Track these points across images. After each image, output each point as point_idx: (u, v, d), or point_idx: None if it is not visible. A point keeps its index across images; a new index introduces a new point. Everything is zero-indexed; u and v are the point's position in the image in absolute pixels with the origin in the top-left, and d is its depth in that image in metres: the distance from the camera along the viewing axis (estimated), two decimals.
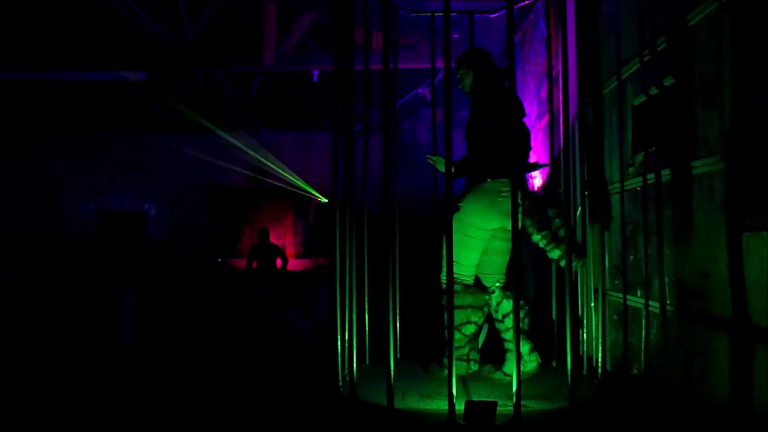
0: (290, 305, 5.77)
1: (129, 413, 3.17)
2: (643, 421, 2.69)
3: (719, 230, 2.51)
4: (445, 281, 3.33)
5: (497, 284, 3.44)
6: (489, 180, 3.26)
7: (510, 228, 3.10)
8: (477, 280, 3.48)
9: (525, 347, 3.32)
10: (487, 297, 3.43)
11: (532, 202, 3.33)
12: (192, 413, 3.13)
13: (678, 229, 2.86)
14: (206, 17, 8.42)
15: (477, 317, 3.37)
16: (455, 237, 3.30)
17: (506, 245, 3.36)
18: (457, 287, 3.33)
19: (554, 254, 3.24)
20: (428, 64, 4.11)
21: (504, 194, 3.20)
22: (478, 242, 3.34)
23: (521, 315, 3.38)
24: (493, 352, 3.53)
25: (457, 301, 3.27)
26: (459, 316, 3.30)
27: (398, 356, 3.69)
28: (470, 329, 3.37)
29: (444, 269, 3.34)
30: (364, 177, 3.56)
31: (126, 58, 8.37)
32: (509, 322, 3.37)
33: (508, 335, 3.38)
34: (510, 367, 3.32)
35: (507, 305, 3.38)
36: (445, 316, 3.32)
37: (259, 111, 10.84)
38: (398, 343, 3.76)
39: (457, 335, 3.31)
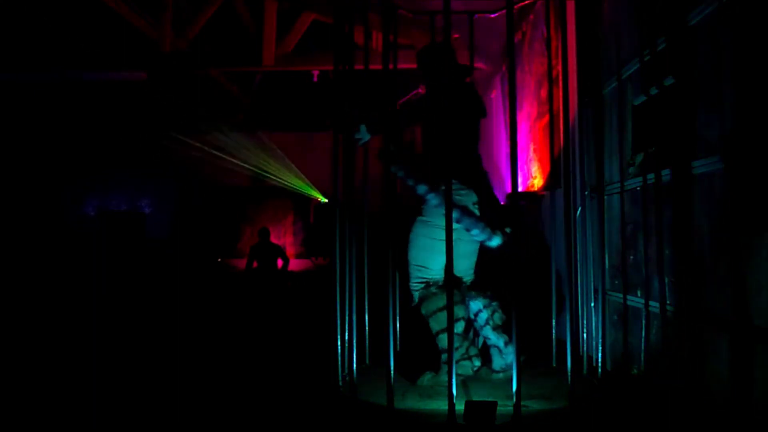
0: None
1: (128, 413, 3.17)
2: (643, 421, 2.69)
3: (719, 230, 2.51)
4: (415, 290, 3.37)
5: (468, 283, 3.42)
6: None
7: None
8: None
9: (500, 341, 3.31)
10: (464, 288, 3.41)
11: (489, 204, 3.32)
12: (192, 413, 3.13)
13: (678, 229, 2.86)
14: (206, 17, 8.43)
15: (462, 312, 3.35)
16: (422, 241, 3.32)
17: (471, 247, 3.34)
18: (433, 289, 3.31)
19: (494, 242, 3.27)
20: None
21: (463, 194, 3.19)
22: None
23: (490, 311, 3.39)
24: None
25: (439, 303, 3.25)
26: (445, 318, 3.25)
27: (398, 350, 3.67)
28: (460, 326, 3.35)
29: (412, 277, 3.38)
30: (364, 177, 3.56)
31: (126, 58, 8.38)
32: (481, 319, 3.38)
33: (485, 332, 3.38)
34: (497, 362, 3.33)
35: (474, 305, 3.38)
36: (431, 322, 3.32)
37: (259, 111, 10.85)
38: (398, 342, 3.76)
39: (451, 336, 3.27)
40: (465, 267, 3.41)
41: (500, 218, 3.27)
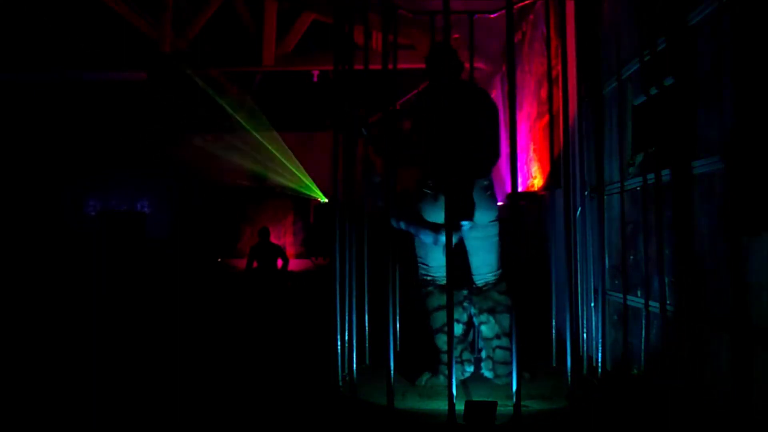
0: None
1: (128, 413, 3.17)
2: (643, 421, 2.69)
3: (719, 230, 2.51)
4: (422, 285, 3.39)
5: (481, 284, 3.41)
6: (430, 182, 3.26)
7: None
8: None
9: (488, 359, 3.34)
10: (465, 293, 3.40)
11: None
12: (192, 413, 3.13)
13: (678, 229, 2.85)
14: (206, 17, 8.43)
15: (458, 314, 3.35)
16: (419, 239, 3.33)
17: (483, 244, 3.32)
18: (430, 288, 3.35)
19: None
20: None
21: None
22: None
23: (477, 322, 3.39)
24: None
25: (435, 303, 3.28)
26: (441, 318, 3.22)
27: (398, 350, 3.69)
28: (457, 329, 3.34)
29: (419, 273, 3.42)
30: (364, 177, 3.56)
31: (126, 58, 8.38)
32: (476, 325, 3.39)
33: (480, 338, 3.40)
34: (486, 372, 3.33)
35: (473, 310, 3.38)
36: (430, 320, 3.34)
37: (259, 111, 10.85)
38: (398, 342, 3.76)
39: (444, 337, 3.25)
40: (477, 264, 3.38)
41: (462, 212, 3.22)
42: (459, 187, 3.23)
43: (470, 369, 3.35)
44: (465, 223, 3.18)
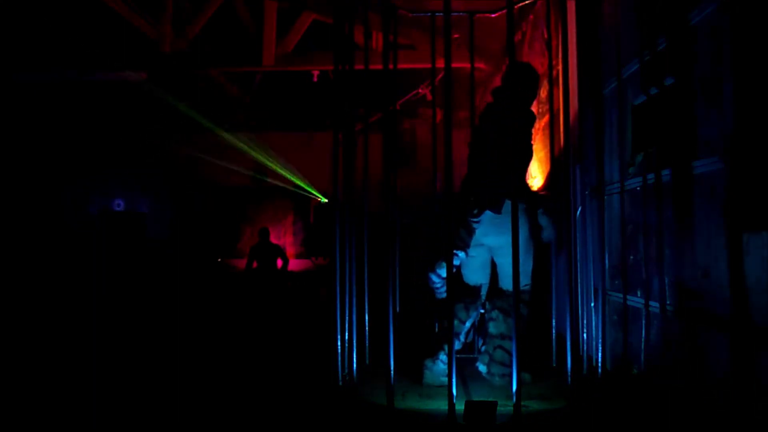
0: None
1: (128, 413, 3.17)
2: (643, 421, 2.69)
3: (719, 230, 2.51)
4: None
5: (505, 288, 3.44)
6: None
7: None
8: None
9: (486, 353, 3.37)
10: (478, 300, 3.43)
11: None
12: (192, 413, 3.13)
13: (678, 229, 2.86)
14: (206, 17, 8.43)
15: (464, 315, 3.38)
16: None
17: (506, 261, 3.32)
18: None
19: None
20: (428, 64, 4.11)
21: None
22: (476, 260, 3.40)
23: (487, 318, 3.40)
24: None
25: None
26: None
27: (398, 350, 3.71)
28: (460, 327, 3.37)
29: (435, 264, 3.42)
30: (364, 177, 3.56)
31: (126, 58, 8.37)
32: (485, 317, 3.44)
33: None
34: (481, 367, 3.36)
35: (488, 305, 3.41)
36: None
37: (259, 111, 10.85)
38: (398, 342, 3.76)
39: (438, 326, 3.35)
40: (502, 277, 3.46)
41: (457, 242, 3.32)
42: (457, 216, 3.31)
43: (444, 358, 3.35)
44: (460, 254, 3.25)
